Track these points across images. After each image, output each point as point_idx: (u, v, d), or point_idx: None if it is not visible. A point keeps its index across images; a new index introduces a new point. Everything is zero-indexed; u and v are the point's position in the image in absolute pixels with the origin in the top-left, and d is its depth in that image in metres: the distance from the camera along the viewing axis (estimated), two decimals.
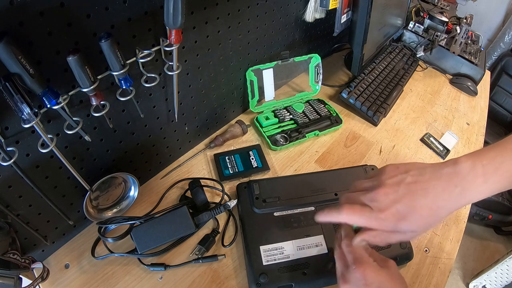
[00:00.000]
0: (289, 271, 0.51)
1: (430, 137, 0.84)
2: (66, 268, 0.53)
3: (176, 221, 0.54)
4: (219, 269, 0.54)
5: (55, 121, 0.42)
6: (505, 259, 1.28)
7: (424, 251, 0.60)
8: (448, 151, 0.82)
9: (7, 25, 0.31)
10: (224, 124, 0.79)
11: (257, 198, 0.59)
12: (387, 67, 1.01)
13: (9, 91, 0.32)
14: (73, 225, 0.55)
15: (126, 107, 0.51)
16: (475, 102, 1.03)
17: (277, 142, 0.74)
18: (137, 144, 0.58)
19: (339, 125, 0.80)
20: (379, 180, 0.40)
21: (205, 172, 0.69)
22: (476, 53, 1.12)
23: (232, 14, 0.59)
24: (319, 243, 0.55)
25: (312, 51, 0.95)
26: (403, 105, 0.94)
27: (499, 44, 1.88)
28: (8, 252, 0.44)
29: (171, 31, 0.44)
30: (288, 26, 0.78)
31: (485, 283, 1.40)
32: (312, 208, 0.59)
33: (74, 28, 0.37)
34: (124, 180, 0.58)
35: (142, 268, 0.53)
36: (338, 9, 0.78)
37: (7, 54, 0.30)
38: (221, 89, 0.70)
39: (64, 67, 0.38)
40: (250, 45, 0.70)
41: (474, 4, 1.49)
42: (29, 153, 0.42)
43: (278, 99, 0.83)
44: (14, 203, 0.44)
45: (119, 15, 0.41)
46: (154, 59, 0.48)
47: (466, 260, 1.57)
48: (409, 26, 1.16)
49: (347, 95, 0.87)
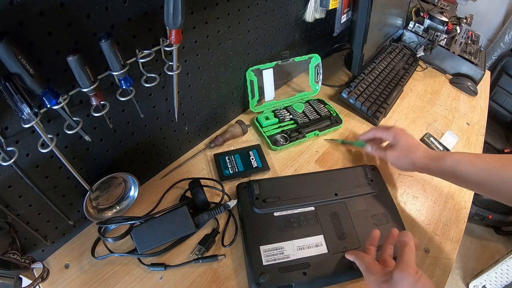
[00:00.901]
0: (289, 271, 0.51)
1: (430, 137, 0.84)
2: (66, 268, 0.53)
3: (176, 221, 0.55)
4: (219, 269, 0.54)
5: (55, 121, 0.42)
6: (505, 259, 1.28)
7: (424, 251, 0.60)
8: (448, 151, 0.82)
9: (7, 25, 0.31)
10: (224, 124, 0.79)
11: (257, 198, 0.59)
12: (387, 67, 1.01)
13: (9, 91, 0.32)
14: (73, 225, 0.55)
15: (126, 107, 0.51)
16: (475, 102, 1.03)
17: (277, 142, 0.74)
18: (137, 144, 0.58)
19: (339, 125, 0.80)
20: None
21: (205, 172, 0.69)
22: (476, 53, 1.12)
23: (232, 14, 0.59)
24: (319, 243, 0.55)
25: (312, 51, 0.95)
26: (403, 105, 0.94)
27: (499, 44, 1.88)
28: (8, 252, 0.44)
29: (171, 31, 0.44)
30: (288, 26, 0.78)
31: (485, 283, 1.40)
32: (312, 208, 0.59)
33: (74, 28, 0.37)
34: (124, 180, 0.58)
35: (142, 268, 0.53)
36: (338, 9, 0.78)
37: (7, 54, 0.30)
38: (221, 89, 0.70)
39: (64, 67, 0.38)
40: (250, 45, 0.70)
41: (474, 4, 1.49)
42: (29, 153, 0.42)
43: (278, 99, 0.83)
44: (14, 203, 0.44)
45: (119, 15, 0.41)
46: (154, 59, 0.48)
47: (466, 260, 1.57)
48: (409, 26, 1.16)
49: (347, 95, 0.87)
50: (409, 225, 0.64)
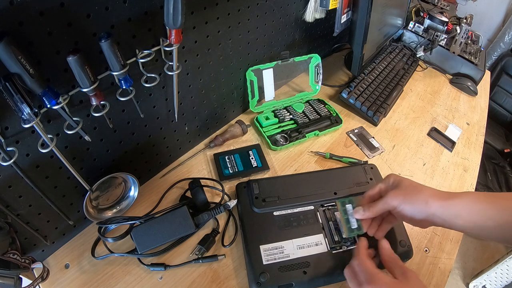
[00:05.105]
0: (289, 270, 0.51)
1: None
2: (66, 268, 0.53)
3: (176, 221, 0.55)
4: (219, 269, 0.54)
5: (55, 121, 0.42)
6: (505, 259, 1.28)
7: (424, 251, 0.60)
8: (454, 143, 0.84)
9: (7, 25, 0.31)
10: (224, 124, 0.79)
11: (257, 197, 0.59)
12: (387, 67, 1.01)
13: (9, 91, 0.32)
14: (73, 225, 0.55)
15: (126, 107, 0.51)
16: (475, 102, 1.03)
17: (277, 142, 0.74)
18: (137, 144, 0.58)
19: (339, 125, 0.81)
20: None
21: (205, 172, 0.69)
22: (476, 53, 1.12)
23: (232, 14, 0.59)
24: (319, 242, 0.55)
25: (312, 51, 0.95)
26: (403, 105, 0.94)
27: (499, 44, 1.88)
28: (8, 252, 0.44)
29: (171, 31, 0.44)
30: (288, 26, 0.78)
31: (485, 283, 1.40)
32: (312, 208, 0.59)
33: (74, 28, 0.37)
34: (124, 180, 0.58)
35: (142, 268, 0.53)
36: (338, 9, 0.78)
37: (7, 54, 0.30)
38: (221, 89, 0.70)
39: (64, 67, 0.38)
40: (250, 45, 0.70)
41: (474, 4, 1.49)
42: (29, 153, 0.42)
43: (278, 99, 0.83)
44: (14, 203, 0.44)
45: (119, 15, 0.41)
46: (154, 59, 0.48)
47: (466, 260, 1.57)
48: (409, 26, 1.16)
49: (347, 95, 0.87)
50: (409, 225, 0.63)
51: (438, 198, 0.46)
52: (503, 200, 0.43)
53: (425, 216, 0.46)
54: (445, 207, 0.45)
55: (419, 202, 0.46)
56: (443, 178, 0.75)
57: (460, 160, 0.81)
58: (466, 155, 0.83)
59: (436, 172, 0.76)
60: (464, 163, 0.81)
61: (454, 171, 0.78)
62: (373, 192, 0.53)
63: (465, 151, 0.84)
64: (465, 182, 0.76)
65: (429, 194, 0.46)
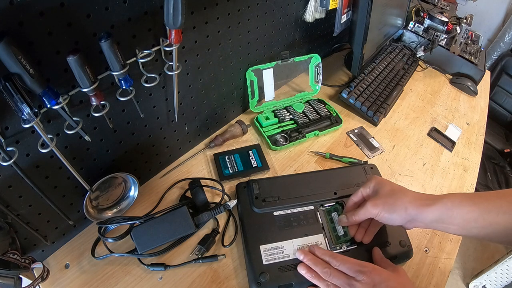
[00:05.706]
0: (289, 270, 0.51)
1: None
2: (66, 268, 0.53)
3: (176, 221, 0.55)
4: (219, 269, 0.54)
5: (55, 121, 0.42)
6: (505, 259, 1.28)
7: (424, 251, 0.60)
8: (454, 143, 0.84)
9: (7, 25, 0.31)
10: (224, 124, 0.79)
11: (257, 197, 0.59)
12: (387, 67, 1.01)
13: (9, 91, 0.32)
14: (73, 225, 0.55)
15: (126, 107, 0.51)
16: (475, 102, 1.03)
17: (277, 142, 0.74)
18: (137, 144, 0.58)
19: (339, 125, 0.81)
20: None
21: (205, 172, 0.69)
22: (476, 53, 1.12)
23: (232, 14, 0.59)
24: (319, 242, 0.55)
25: (312, 51, 0.95)
26: (403, 105, 0.94)
27: (499, 44, 1.88)
28: (8, 252, 0.44)
29: (171, 31, 0.44)
30: (288, 26, 0.78)
31: (485, 283, 1.40)
32: (312, 207, 0.59)
33: (74, 28, 0.37)
34: (124, 180, 0.58)
35: (142, 268, 0.53)
36: (338, 9, 0.78)
37: (7, 54, 0.30)
38: (221, 89, 0.70)
39: (64, 67, 0.38)
40: (250, 45, 0.70)
41: (474, 4, 1.49)
42: (29, 153, 0.42)
43: (278, 99, 0.83)
44: (14, 203, 0.44)
45: (119, 15, 0.41)
46: (154, 59, 0.48)
47: (466, 260, 1.57)
48: (409, 26, 1.16)
49: (347, 95, 0.87)
50: None
51: (417, 205, 0.46)
52: (485, 202, 0.43)
53: (406, 221, 0.48)
54: (424, 213, 0.46)
55: (399, 209, 0.47)
56: (443, 178, 0.75)
57: (460, 160, 0.81)
58: (466, 155, 0.83)
59: (436, 172, 0.76)
60: (464, 163, 0.81)
61: (454, 171, 0.78)
62: (356, 197, 0.55)
63: (465, 151, 0.84)
64: (465, 182, 0.76)
65: (408, 201, 0.47)
